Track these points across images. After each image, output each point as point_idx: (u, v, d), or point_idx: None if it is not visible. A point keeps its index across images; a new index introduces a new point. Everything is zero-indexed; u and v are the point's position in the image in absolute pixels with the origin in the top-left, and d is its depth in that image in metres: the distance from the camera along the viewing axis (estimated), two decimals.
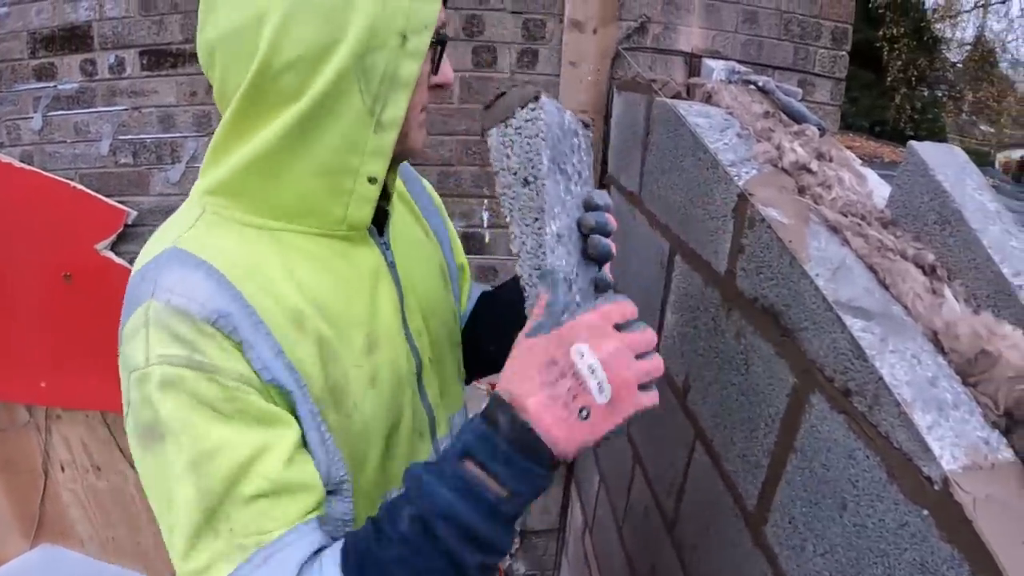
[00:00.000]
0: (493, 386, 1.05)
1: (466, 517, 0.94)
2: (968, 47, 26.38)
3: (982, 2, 25.34)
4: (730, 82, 2.25)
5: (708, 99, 2.13)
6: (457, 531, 0.94)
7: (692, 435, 1.87)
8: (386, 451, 1.26)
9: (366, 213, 1.19)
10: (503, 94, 1.21)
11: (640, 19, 2.78)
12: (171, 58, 2.89)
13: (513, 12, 2.77)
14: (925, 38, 23.21)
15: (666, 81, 2.23)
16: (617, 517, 2.62)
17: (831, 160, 1.72)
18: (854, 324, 1.19)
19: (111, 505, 3.98)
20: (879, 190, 1.63)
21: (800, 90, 2.29)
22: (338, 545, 1.00)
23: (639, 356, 1.04)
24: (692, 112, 1.93)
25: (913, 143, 1.43)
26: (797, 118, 1.96)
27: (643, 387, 1.03)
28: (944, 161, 1.41)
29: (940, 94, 27.20)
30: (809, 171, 1.63)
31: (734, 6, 2.88)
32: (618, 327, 1.04)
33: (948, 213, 1.33)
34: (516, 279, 1.21)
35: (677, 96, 2.19)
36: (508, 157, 1.17)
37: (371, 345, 1.22)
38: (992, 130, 30.04)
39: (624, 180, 2.56)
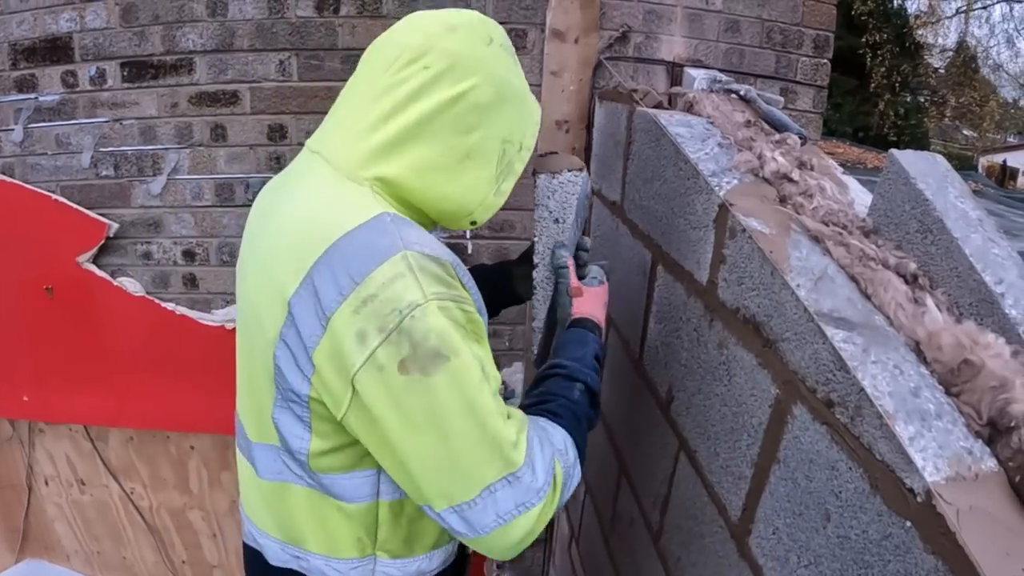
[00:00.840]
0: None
1: (598, 386, 1.57)
2: (951, 52, 26.55)
3: (964, 8, 25.52)
4: (712, 91, 2.25)
5: (689, 108, 2.12)
6: (595, 396, 1.56)
7: (676, 446, 1.86)
8: None
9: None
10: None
11: (622, 29, 2.79)
12: (152, 69, 2.88)
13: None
14: (908, 44, 23.30)
15: (647, 91, 2.23)
16: (603, 527, 2.61)
17: (813, 169, 1.72)
18: (836, 335, 1.18)
19: (96, 519, 3.96)
20: (861, 198, 1.63)
21: (782, 98, 2.29)
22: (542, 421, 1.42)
23: None
24: (673, 122, 1.93)
25: (894, 151, 1.43)
26: (779, 127, 1.96)
27: None
28: (925, 169, 1.40)
29: (923, 100, 27.32)
30: (790, 180, 1.63)
31: (716, 15, 2.89)
32: None
33: (930, 221, 1.33)
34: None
35: (659, 106, 2.18)
36: (549, 199, 1.75)
37: None
38: (975, 135, 30.22)
39: (606, 190, 2.56)
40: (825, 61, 3.07)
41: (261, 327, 1.32)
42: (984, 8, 25.54)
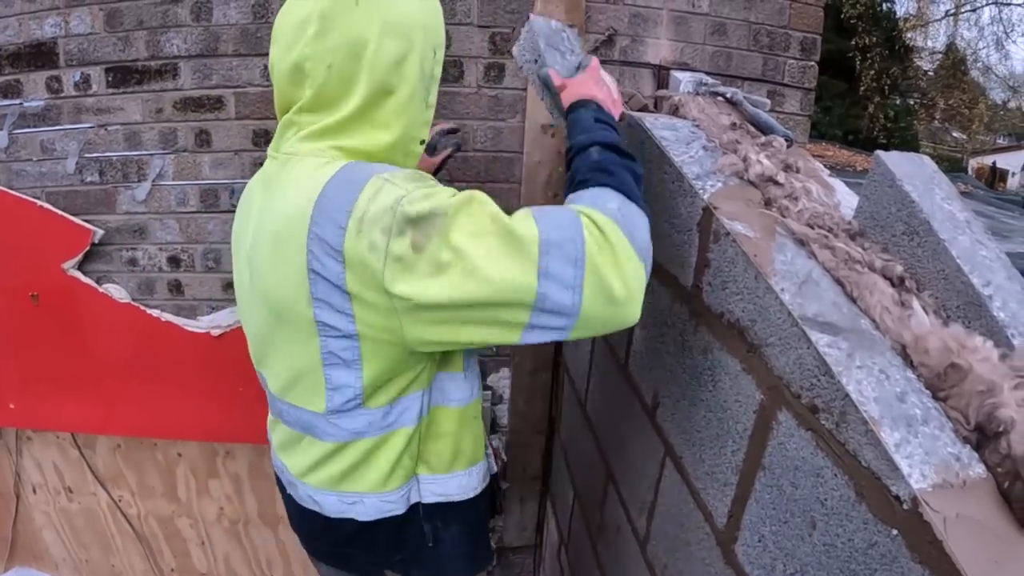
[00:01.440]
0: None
1: (614, 137, 1.52)
2: (940, 55, 26.63)
3: (952, 11, 25.60)
4: (698, 94, 2.24)
5: (675, 111, 2.11)
6: (616, 148, 1.49)
7: (662, 452, 1.85)
8: None
9: (413, 165, 1.61)
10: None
11: (607, 32, 2.78)
12: (137, 75, 2.86)
13: (480, 26, 2.76)
14: (897, 47, 23.37)
15: (632, 94, 2.22)
16: (591, 534, 2.60)
17: (799, 171, 1.71)
18: (820, 339, 1.17)
19: (84, 527, 3.93)
20: (847, 200, 1.62)
21: (768, 100, 2.28)
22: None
23: None
24: (658, 125, 1.92)
25: (880, 153, 1.42)
26: (765, 129, 1.95)
27: None
28: (912, 171, 1.39)
29: (912, 102, 27.39)
30: (776, 183, 1.62)
31: (703, 18, 2.87)
32: None
33: (916, 223, 1.32)
34: None
35: (644, 109, 2.17)
36: (523, 52, 1.89)
37: None
38: (964, 137, 30.33)
39: None
40: (812, 63, 3.06)
41: (295, 310, 1.44)
42: (973, 11, 25.63)
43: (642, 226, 1.36)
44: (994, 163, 31.82)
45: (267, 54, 2.78)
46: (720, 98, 2.19)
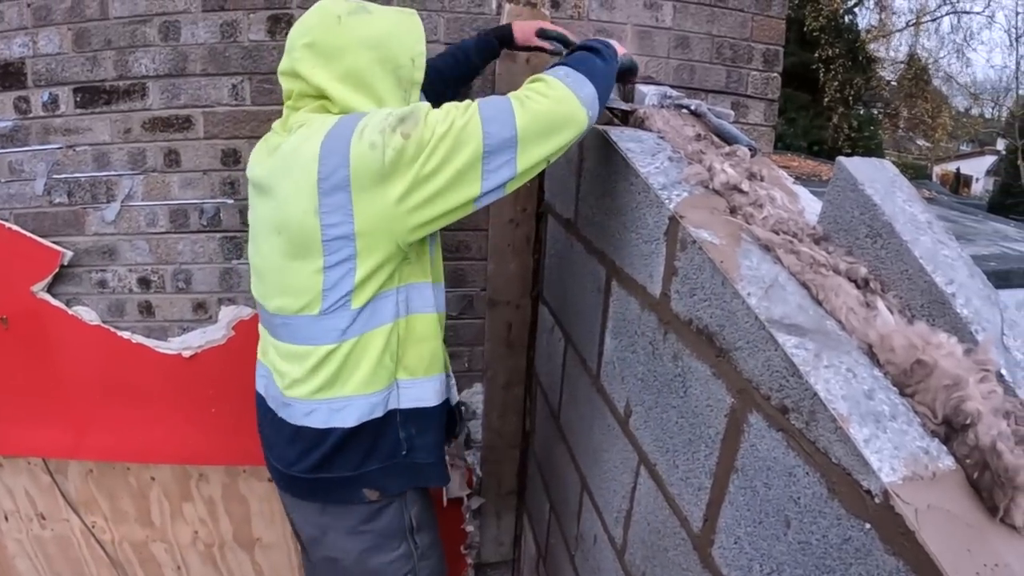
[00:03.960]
0: None
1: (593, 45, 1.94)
2: (902, 65, 26.86)
3: (913, 21, 25.86)
4: (662, 106, 2.26)
5: (640, 124, 2.13)
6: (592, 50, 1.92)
7: (636, 460, 1.86)
8: None
9: None
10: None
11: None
12: (105, 95, 2.85)
13: (447, 44, 2.76)
14: (860, 58, 23.58)
15: None
16: (569, 546, 2.60)
17: (763, 179, 1.73)
18: (787, 341, 1.19)
19: (57, 554, 3.88)
20: (812, 207, 1.65)
21: (732, 112, 2.30)
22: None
23: None
24: (623, 137, 1.94)
25: (841, 159, 1.45)
26: (729, 140, 1.97)
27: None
28: (873, 175, 1.42)
29: (876, 112, 27.61)
30: (740, 191, 1.64)
31: (666, 32, 2.91)
32: None
33: (879, 226, 1.34)
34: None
35: (610, 123, 2.19)
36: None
37: None
38: (928, 144, 30.59)
39: (560, 207, 2.57)
40: (775, 75, 3.10)
41: (304, 222, 1.74)
42: (933, 20, 25.91)
43: (580, 80, 1.76)
44: (958, 169, 32.21)
45: (235, 73, 2.81)
46: (685, 110, 2.22)
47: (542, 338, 2.97)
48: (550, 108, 1.69)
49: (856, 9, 25.32)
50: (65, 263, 3.04)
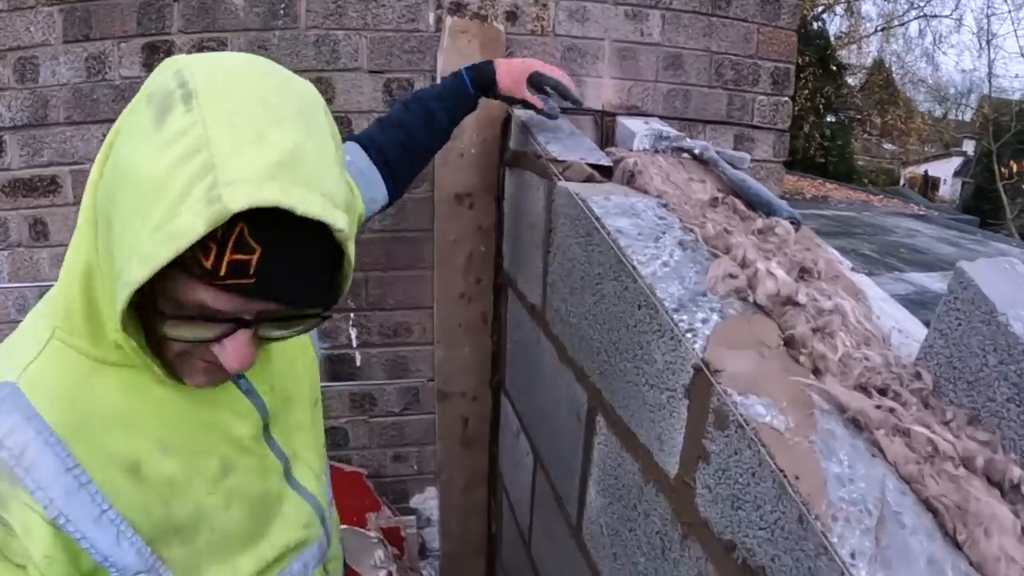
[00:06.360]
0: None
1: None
2: (866, 70, 26.97)
3: (882, 26, 25.90)
4: (657, 151, 1.72)
5: (631, 180, 1.57)
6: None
7: None
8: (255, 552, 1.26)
9: None
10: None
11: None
12: None
13: (372, 72, 2.24)
14: (831, 66, 23.45)
15: (569, 162, 1.64)
16: None
17: (819, 275, 1.16)
18: None
19: None
20: (889, 312, 1.15)
21: (747, 155, 1.78)
22: None
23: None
24: (611, 209, 1.35)
25: (963, 264, 0.91)
26: (755, 201, 1.42)
27: None
28: (1015, 295, 0.86)
29: (847, 119, 27.63)
30: (795, 303, 1.06)
31: (653, 49, 2.36)
32: None
33: None
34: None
35: (589, 179, 1.60)
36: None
37: (226, 469, 1.18)
38: (896, 147, 30.84)
39: (523, 285, 1.98)
40: (786, 99, 2.55)
41: None
42: (901, 25, 26.13)
43: None
44: (926, 172, 32.72)
45: (106, 120, 2.25)
46: (686, 155, 1.68)
47: (506, 439, 2.44)
48: None
49: (825, 16, 25.33)
50: None
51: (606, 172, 1.67)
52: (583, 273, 1.43)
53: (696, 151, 1.71)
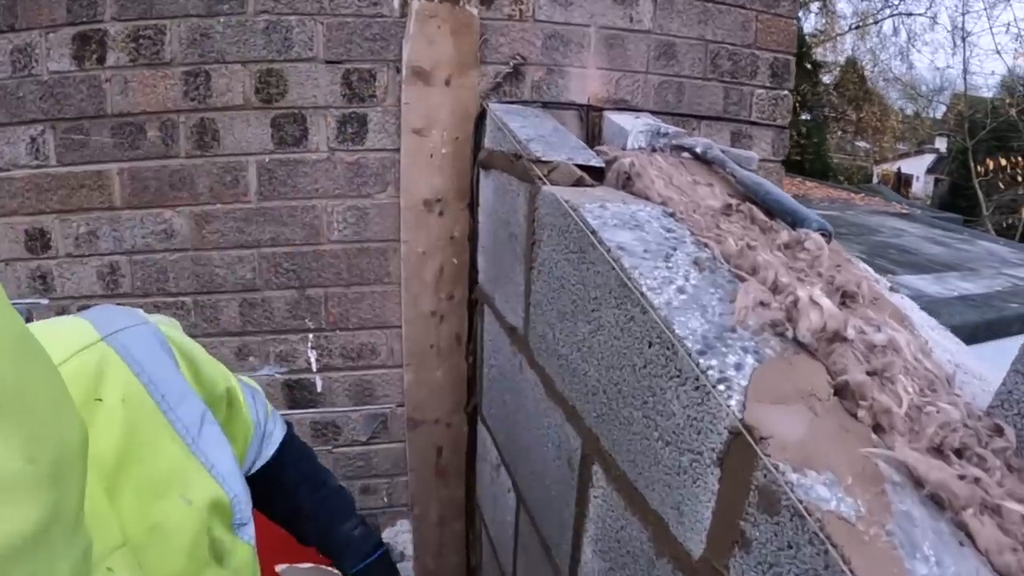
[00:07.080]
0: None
1: None
2: (839, 68, 27.12)
3: (857, 24, 25.98)
4: (654, 149, 1.50)
5: (627, 183, 1.35)
6: None
7: None
8: None
9: None
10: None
11: (512, 61, 2.07)
12: None
13: (328, 62, 2.02)
14: (806, 64, 23.54)
15: (555, 164, 1.42)
16: None
17: (862, 299, 0.96)
18: None
19: None
20: (943, 344, 0.98)
21: (755, 154, 1.57)
22: None
23: None
24: (609, 220, 1.13)
25: None
26: (774, 209, 1.21)
27: None
28: None
29: (822, 117, 27.78)
30: (843, 339, 0.85)
31: (643, 37, 2.16)
32: None
33: None
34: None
35: (578, 183, 1.38)
36: None
37: None
38: (869, 145, 31.06)
39: (501, 304, 1.77)
40: (785, 92, 2.35)
41: None
42: (876, 23, 26.27)
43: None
44: (899, 169, 33.05)
45: (33, 120, 2.09)
46: (687, 154, 1.47)
47: (484, 470, 2.24)
48: None
49: (800, 13, 25.45)
50: None
51: (597, 175, 1.46)
52: (575, 296, 1.21)
53: (699, 150, 1.52)
